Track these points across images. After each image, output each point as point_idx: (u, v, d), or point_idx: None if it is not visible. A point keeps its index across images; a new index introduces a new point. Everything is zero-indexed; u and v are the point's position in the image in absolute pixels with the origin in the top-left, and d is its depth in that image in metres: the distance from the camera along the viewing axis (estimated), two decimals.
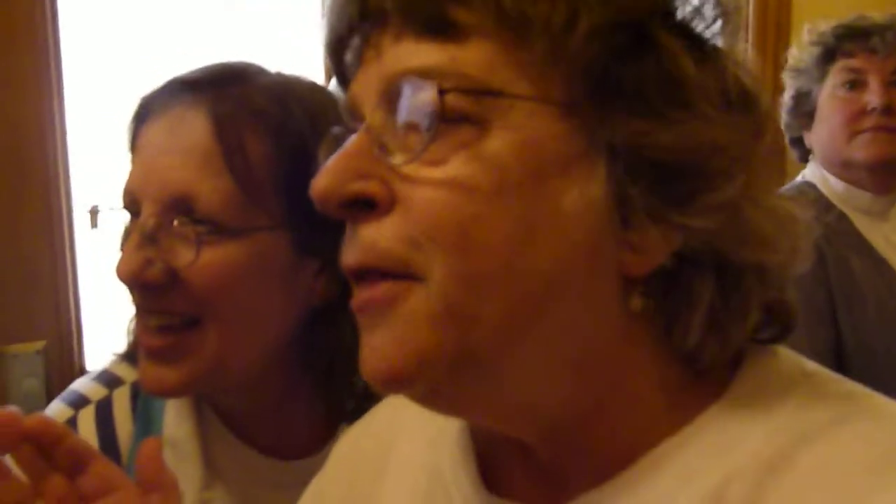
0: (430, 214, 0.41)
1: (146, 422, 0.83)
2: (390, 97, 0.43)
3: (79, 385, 0.88)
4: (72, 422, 0.83)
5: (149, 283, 0.74)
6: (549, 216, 0.41)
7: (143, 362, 0.77)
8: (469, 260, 0.40)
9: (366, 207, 0.42)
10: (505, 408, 0.45)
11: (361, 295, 0.43)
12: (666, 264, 0.43)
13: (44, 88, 1.57)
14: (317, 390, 0.84)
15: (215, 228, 0.74)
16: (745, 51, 0.47)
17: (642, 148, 0.41)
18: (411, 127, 0.42)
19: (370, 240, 0.42)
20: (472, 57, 0.41)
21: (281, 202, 0.76)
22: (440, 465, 0.53)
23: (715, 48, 0.45)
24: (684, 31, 0.44)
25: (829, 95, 1.55)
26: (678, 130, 0.41)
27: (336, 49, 0.48)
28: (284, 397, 0.84)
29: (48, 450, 0.50)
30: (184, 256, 0.73)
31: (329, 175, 0.42)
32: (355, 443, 0.63)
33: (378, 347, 0.42)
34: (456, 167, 0.41)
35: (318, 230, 0.77)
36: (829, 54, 1.56)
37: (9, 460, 0.50)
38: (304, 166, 0.75)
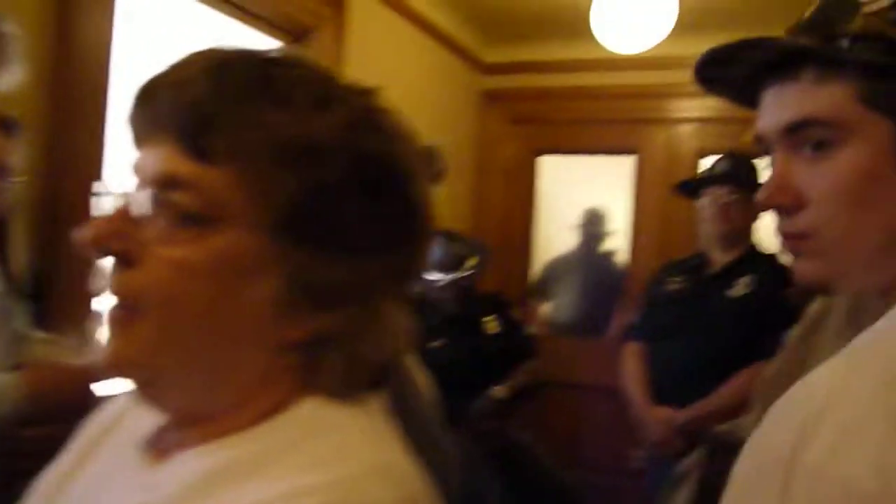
0: (156, 280, 0.57)
1: None
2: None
3: None
4: None
5: None
6: (233, 298, 0.58)
7: None
8: (170, 316, 0.57)
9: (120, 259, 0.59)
10: (171, 401, 0.61)
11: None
12: None
13: None
14: None
15: None
16: None
17: (316, 279, 0.58)
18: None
19: (119, 283, 0.59)
20: None
21: None
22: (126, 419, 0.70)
23: None
24: None
25: None
26: None
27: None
28: None
29: None
30: None
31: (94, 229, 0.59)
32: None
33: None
34: (184, 250, 0.57)
35: None
36: None
37: None
38: None
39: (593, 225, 3.99)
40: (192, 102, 0.55)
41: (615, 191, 3.81)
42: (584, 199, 4.00)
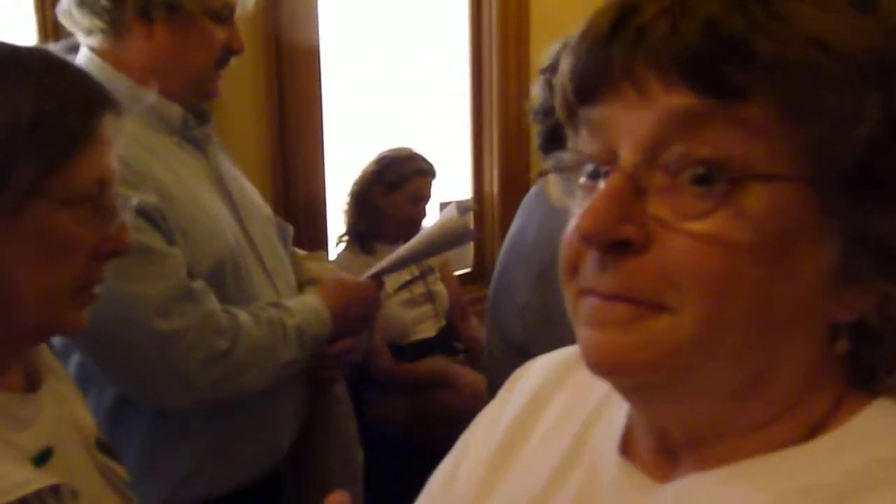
0: (691, 262, 0.45)
1: None
2: (656, 146, 0.46)
3: None
4: None
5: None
6: (788, 274, 0.45)
7: None
8: (721, 305, 0.45)
9: (623, 247, 0.46)
10: (683, 413, 0.51)
11: (602, 309, 0.48)
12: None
13: None
14: None
15: None
16: None
17: (888, 239, 0.45)
18: (673, 177, 0.45)
19: (627, 275, 0.46)
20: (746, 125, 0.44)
21: None
22: (590, 421, 0.60)
23: None
24: None
25: None
26: None
27: (588, 75, 0.49)
28: None
29: None
30: None
31: (595, 218, 0.46)
32: (531, 376, 0.69)
33: (606, 346, 0.48)
34: (718, 222, 0.44)
35: None
36: None
37: None
38: None
39: None
40: (708, 22, 0.43)
41: None
42: None
